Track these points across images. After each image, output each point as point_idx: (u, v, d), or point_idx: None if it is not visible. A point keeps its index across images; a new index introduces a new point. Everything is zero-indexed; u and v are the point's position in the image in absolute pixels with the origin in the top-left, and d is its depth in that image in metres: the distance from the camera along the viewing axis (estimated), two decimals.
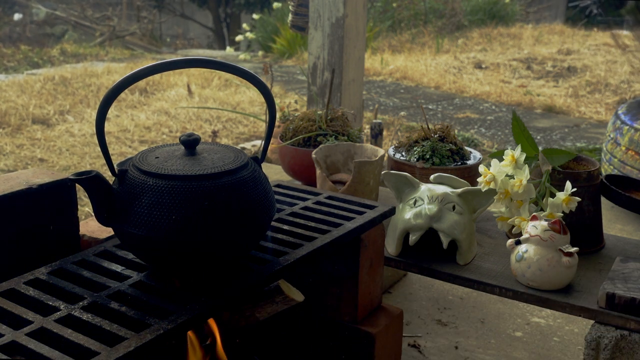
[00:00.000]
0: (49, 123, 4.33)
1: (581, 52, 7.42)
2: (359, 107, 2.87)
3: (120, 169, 0.96)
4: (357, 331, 1.29)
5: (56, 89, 5.17)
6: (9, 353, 0.79)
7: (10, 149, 3.75)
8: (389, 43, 8.40)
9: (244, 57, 7.84)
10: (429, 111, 5.25)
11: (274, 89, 4.78)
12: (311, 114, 1.87)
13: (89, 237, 1.21)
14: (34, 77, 5.57)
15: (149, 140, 4.03)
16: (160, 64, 0.90)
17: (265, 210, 0.98)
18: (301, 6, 2.89)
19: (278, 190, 1.36)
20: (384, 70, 6.78)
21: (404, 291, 2.01)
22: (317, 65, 2.74)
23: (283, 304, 1.10)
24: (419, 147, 1.64)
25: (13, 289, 0.93)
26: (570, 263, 1.21)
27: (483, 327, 1.83)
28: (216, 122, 4.46)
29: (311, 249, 1.09)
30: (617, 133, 2.83)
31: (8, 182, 1.12)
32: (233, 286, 0.95)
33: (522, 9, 10.59)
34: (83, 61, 7.06)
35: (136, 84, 5.00)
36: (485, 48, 7.98)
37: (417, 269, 1.36)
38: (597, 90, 5.93)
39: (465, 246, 1.33)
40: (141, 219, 0.90)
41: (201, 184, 0.91)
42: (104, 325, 0.84)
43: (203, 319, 0.90)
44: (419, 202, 1.33)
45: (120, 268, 1.00)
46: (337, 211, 1.26)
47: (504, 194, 1.34)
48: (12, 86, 5.20)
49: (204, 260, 0.94)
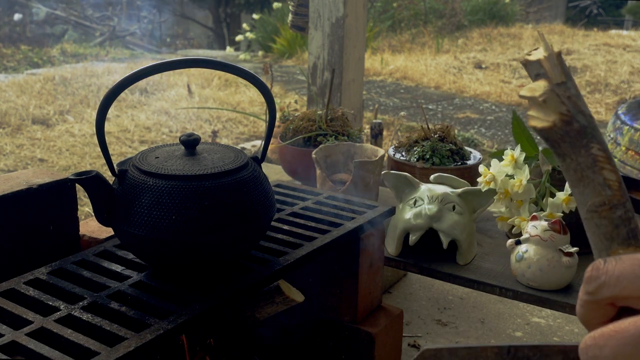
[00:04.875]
0: (49, 123, 4.33)
1: (581, 52, 7.41)
2: (359, 107, 2.87)
3: (120, 169, 0.96)
4: (357, 331, 1.29)
5: (56, 89, 5.17)
6: (9, 353, 0.79)
7: (10, 149, 3.75)
8: (389, 43, 8.40)
9: (244, 57, 7.83)
10: (429, 111, 5.25)
11: (274, 89, 4.78)
12: (311, 114, 1.87)
13: (89, 237, 1.21)
14: (34, 77, 5.57)
15: (149, 140, 4.03)
16: (160, 64, 0.90)
17: (265, 210, 0.98)
18: (301, 6, 2.89)
19: (278, 190, 1.36)
20: (384, 70, 6.78)
21: (404, 291, 2.01)
22: (317, 65, 2.74)
23: (283, 304, 1.10)
24: (419, 147, 1.64)
25: (13, 289, 0.93)
26: (570, 263, 1.21)
27: (483, 327, 1.83)
28: (216, 122, 4.46)
29: (311, 249, 1.09)
30: (617, 133, 2.83)
31: (8, 182, 1.11)
32: (233, 286, 0.95)
33: (522, 9, 10.59)
34: (83, 61, 7.06)
35: (136, 84, 5.00)
36: (485, 48, 7.98)
37: (417, 269, 1.36)
38: (597, 90, 5.93)
39: (465, 246, 1.33)
40: (141, 219, 0.90)
41: (201, 184, 0.91)
42: (104, 325, 0.84)
43: (203, 319, 0.90)
44: (419, 202, 1.33)
45: (120, 268, 1.00)
46: (337, 211, 1.26)
47: (504, 194, 1.34)
48: (12, 86, 5.20)
49: (204, 260, 0.94)
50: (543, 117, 0.40)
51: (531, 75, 0.42)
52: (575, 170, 0.40)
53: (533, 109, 0.40)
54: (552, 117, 0.40)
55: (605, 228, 0.39)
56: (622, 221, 0.39)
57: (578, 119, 0.40)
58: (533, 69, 0.42)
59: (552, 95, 0.40)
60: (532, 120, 0.41)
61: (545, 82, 0.40)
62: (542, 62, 0.41)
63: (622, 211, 0.39)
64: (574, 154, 0.40)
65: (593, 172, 0.40)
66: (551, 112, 0.40)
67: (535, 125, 0.41)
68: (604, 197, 0.39)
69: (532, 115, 0.41)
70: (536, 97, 0.40)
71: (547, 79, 0.41)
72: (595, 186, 0.39)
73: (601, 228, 0.39)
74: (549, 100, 0.40)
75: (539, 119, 0.40)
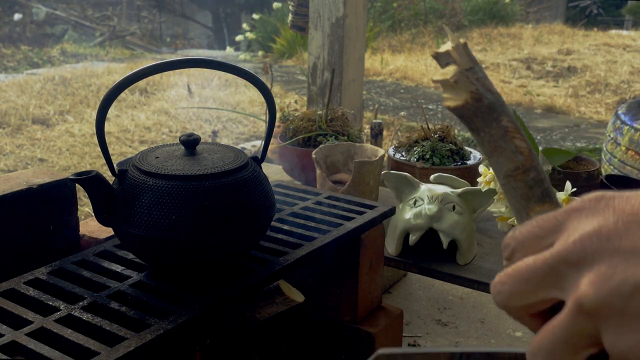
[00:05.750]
0: (49, 123, 4.33)
1: (581, 52, 7.41)
2: (359, 107, 2.87)
3: (120, 169, 0.96)
4: (357, 331, 1.29)
5: (56, 89, 5.17)
6: (9, 353, 0.79)
7: (10, 149, 3.75)
8: (389, 43, 8.40)
9: (244, 57, 7.84)
10: (429, 111, 5.25)
11: (274, 89, 4.78)
12: (311, 114, 1.87)
13: (89, 237, 1.21)
14: (34, 77, 5.57)
15: (149, 140, 4.04)
16: (160, 64, 0.90)
17: (265, 211, 0.98)
18: (301, 6, 2.89)
19: (278, 190, 1.36)
20: (384, 70, 6.78)
21: (404, 291, 2.01)
22: (317, 65, 2.74)
23: (283, 304, 1.10)
24: (419, 147, 1.64)
25: (13, 289, 0.93)
26: None
27: (483, 327, 1.83)
28: (216, 122, 4.46)
29: (311, 249, 1.09)
30: (617, 133, 2.83)
31: (8, 182, 1.11)
32: (233, 286, 0.95)
33: (522, 9, 10.59)
34: (83, 61, 7.06)
35: (136, 84, 5.00)
36: (485, 48, 7.98)
37: (417, 269, 1.36)
38: (597, 90, 5.93)
39: (465, 246, 1.33)
40: (141, 219, 0.90)
41: (201, 184, 0.91)
42: (104, 325, 0.84)
43: (203, 319, 0.90)
44: (419, 202, 1.33)
45: (120, 268, 1.00)
46: (337, 211, 1.26)
47: (504, 194, 1.34)
48: (12, 86, 5.20)
49: (204, 260, 0.94)
50: (456, 97, 0.44)
51: (442, 65, 0.46)
52: (489, 142, 0.44)
53: (446, 91, 0.45)
54: (464, 95, 0.44)
55: (521, 190, 0.43)
56: (535, 182, 0.43)
57: (487, 96, 0.44)
58: (443, 59, 0.46)
59: (462, 77, 0.44)
60: (446, 101, 0.45)
61: (454, 67, 0.45)
62: (451, 53, 0.45)
63: (534, 173, 0.43)
64: (487, 127, 0.44)
65: (505, 142, 0.43)
66: (462, 91, 0.44)
67: (449, 105, 0.44)
68: (517, 162, 0.43)
69: (446, 97, 0.45)
70: (448, 79, 0.44)
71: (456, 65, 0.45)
72: (508, 154, 0.43)
73: (517, 190, 0.43)
74: (460, 81, 0.44)
75: (452, 99, 0.44)
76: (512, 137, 0.43)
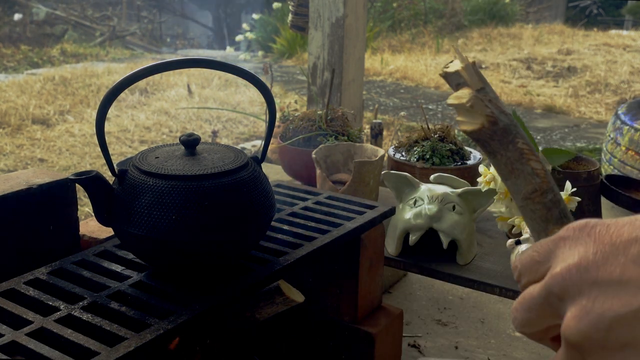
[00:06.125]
0: (49, 123, 4.33)
1: (581, 52, 7.41)
2: (359, 107, 2.87)
3: (120, 169, 0.96)
4: (357, 331, 1.29)
5: (56, 89, 5.17)
6: (9, 353, 0.79)
7: (10, 149, 3.75)
8: (389, 43, 8.40)
9: (244, 57, 7.84)
10: (429, 111, 5.25)
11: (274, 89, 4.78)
12: (311, 114, 1.87)
13: (89, 237, 1.21)
14: (34, 77, 5.57)
15: (149, 140, 4.04)
16: (160, 64, 0.90)
17: (265, 211, 0.98)
18: (301, 6, 2.89)
19: (278, 190, 1.36)
20: (384, 70, 6.78)
21: (404, 291, 2.01)
22: (317, 65, 2.74)
23: (283, 304, 1.10)
24: (419, 147, 1.64)
25: (13, 289, 0.93)
26: None
27: (483, 327, 1.83)
28: (216, 122, 4.46)
29: (311, 249, 1.09)
30: (617, 133, 2.83)
31: (8, 182, 1.11)
32: (233, 286, 0.95)
33: (522, 9, 10.59)
34: (83, 61, 7.06)
35: (136, 84, 5.00)
36: (485, 48, 7.98)
37: (417, 269, 1.36)
38: (597, 90, 5.94)
39: (465, 246, 1.33)
40: (141, 219, 0.90)
41: (201, 184, 0.91)
42: (104, 325, 0.84)
43: (203, 319, 0.90)
44: (419, 202, 1.33)
45: (120, 268, 1.00)
46: (337, 211, 1.26)
47: (504, 194, 1.34)
48: (12, 86, 5.20)
49: (204, 260, 0.94)
50: (472, 121, 0.44)
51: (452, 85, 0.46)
52: (506, 164, 0.44)
53: (461, 115, 0.45)
54: (480, 119, 0.44)
55: (540, 212, 0.43)
56: (553, 204, 0.43)
57: (502, 118, 0.44)
58: (453, 79, 0.46)
59: (477, 100, 0.44)
60: (462, 125, 0.45)
61: (468, 90, 0.45)
62: (461, 73, 0.45)
63: (551, 195, 0.43)
64: (503, 150, 0.44)
65: (522, 164, 0.44)
66: (478, 115, 0.44)
67: (465, 129, 0.44)
68: (534, 184, 0.43)
69: (461, 121, 0.45)
70: (464, 103, 0.44)
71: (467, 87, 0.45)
72: (526, 176, 0.44)
73: (536, 212, 0.43)
74: (475, 105, 0.44)
75: (468, 123, 0.44)
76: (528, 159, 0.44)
